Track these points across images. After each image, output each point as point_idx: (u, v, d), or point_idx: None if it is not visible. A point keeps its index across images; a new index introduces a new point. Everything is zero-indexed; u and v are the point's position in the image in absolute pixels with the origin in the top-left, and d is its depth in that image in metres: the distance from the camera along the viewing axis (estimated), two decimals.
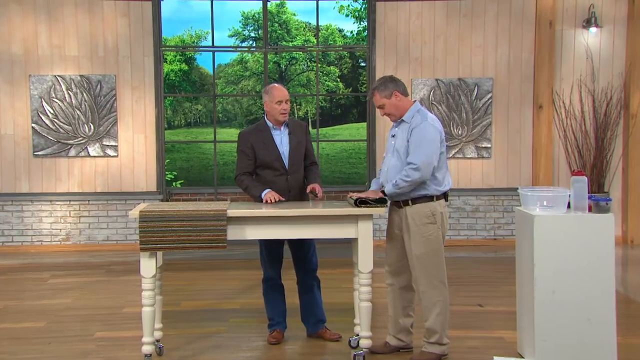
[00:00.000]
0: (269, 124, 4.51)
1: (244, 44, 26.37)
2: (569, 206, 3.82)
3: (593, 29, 8.18)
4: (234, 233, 4.00)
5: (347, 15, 24.58)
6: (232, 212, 3.97)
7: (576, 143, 8.22)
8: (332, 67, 25.80)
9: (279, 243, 4.48)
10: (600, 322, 3.70)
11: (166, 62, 20.77)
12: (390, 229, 4.23)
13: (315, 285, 4.64)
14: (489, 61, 8.32)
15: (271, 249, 4.50)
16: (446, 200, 4.12)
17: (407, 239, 4.09)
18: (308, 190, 4.47)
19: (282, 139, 4.49)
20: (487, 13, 8.32)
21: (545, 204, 3.80)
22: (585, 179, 3.80)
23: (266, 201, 4.28)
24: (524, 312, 4.00)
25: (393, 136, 4.18)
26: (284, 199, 4.33)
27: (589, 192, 3.84)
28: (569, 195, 3.81)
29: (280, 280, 4.62)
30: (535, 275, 3.72)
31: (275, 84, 4.55)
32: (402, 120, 4.13)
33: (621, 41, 8.24)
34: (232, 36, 25.88)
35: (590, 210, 3.79)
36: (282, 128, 4.51)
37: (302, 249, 4.52)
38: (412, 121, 4.07)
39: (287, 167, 4.44)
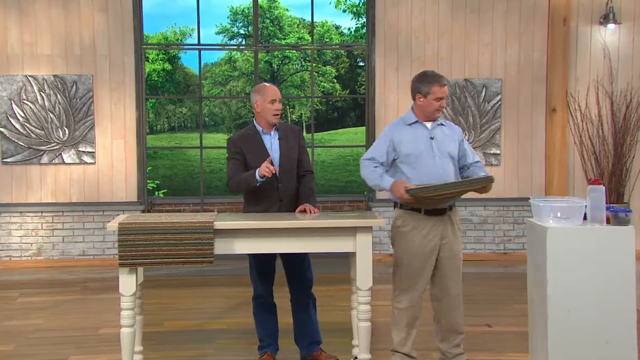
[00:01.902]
0: (259, 127, 4.52)
1: (232, 42, 26.38)
2: (585, 218, 3.83)
3: (611, 26, 8.22)
4: (222, 247, 4.00)
5: (344, 11, 24.71)
6: (220, 224, 3.97)
7: (593, 149, 8.25)
8: (328, 67, 25.95)
9: (270, 257, 4.47)
10: (619, 345, 3.70)
11: (148, 61, 20.81)
12: (424, 244, 4.19)
13: (311, 304, 4.63)
14: (498, 61, 8.35)
15: (262, 264, 4.49)
16: None
17: (453, 243, 4.24)
18: (297, 211, 4.42)
19: (272, 144, 4.49)
20: (496, 9, 8.37)
21: (559, 215, 3.81)
22: (602, 188, 3.81)
23: (263, 175, 4.23)
24: (536, 333, 3.99)
25: (432, 138, 4.21)
26: (277, 168, 4.35)
27: (607, 203, 3.85)
28: (585, 205, 3.81)
29: (271, 297, 4.61)
30: (548, 292, 3.72)
31: (266, 83, 4.58)
32: (441, 123, 4.28)
33: None
34: (220, 33, 25.94)
35: (608, 222, 3.80)
36: (272, 132, 4.52)
37: (296, 263, 4.52)
38: (450, 125, 4.38)
39: (277, 175, 4.42)
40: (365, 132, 8.80)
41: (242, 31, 25.18)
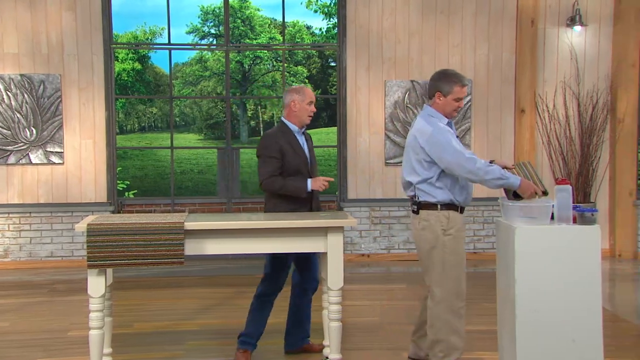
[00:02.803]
0: (293, 127, 4.55)
1: (203, 42, 26.24)
2: (552, 217, 3.88)
3: (577, 28, 8.35)
4: (193, 248, 3.98)
5: (315, 11, 24.72)
6: (190, 224, 3.95)
7: (560, 149, 8.36)
8: (299, 67, 25.96)
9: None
10: (585, 343, 3.76)
11: (117, 60, 20.59)
12: (464, 242, 4.19)
13: (310, 292, 4.67)
14: (468, 62, 8.43)
15: (282, 260, 4.49)
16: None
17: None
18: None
19: (303, 145, 4.58)
20: (465, 10, 8.44)
21: (527, 215, 3.85)
22: (569, 188, 3.87)
23: (317, 189, 4.40)
24: (504, 332, 4.04)
25: (458, 137, 4.22)
26: (332, 180, 4.40)
27: (573, 202, 3.91)
28: (553, 205, 3.87)
29: (275, 296, 4.62)
30: (516, 291, 3.77)
31: (303, 85, 4.68)
32: (450, 121, 4.19)
33: (607, 41, 8.43)
34: (190, 33, 25.78)
35: (575, 221, 3.85)
36: (301, 133, 4.61)
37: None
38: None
39: (310, 172, 4.52)
40: (337, 132, 8.81)
41: (213, 31, 25.06)
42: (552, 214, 3.88)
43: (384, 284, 7.20)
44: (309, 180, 4.44)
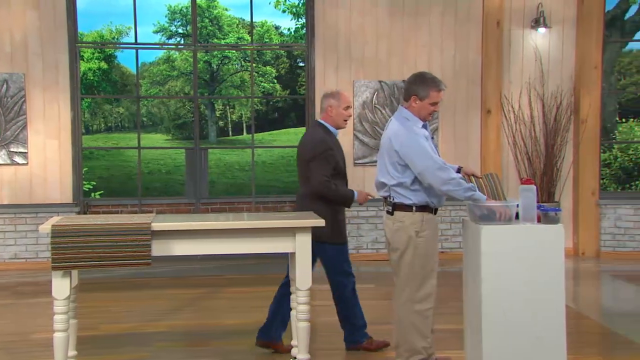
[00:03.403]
0: (334, 130, 4.62)
1: (170, 41, 26.03)
2: (517, 217, 3.93)
3: (542, 30, 8.48)
4: (160, 248, 3.94)
5: (283, 12, 24.66)
6: (157, 225, 3.91)
7: (525, 150, 8.48)
8: (268, 67, 25.87)
9: None
10: (550, 340, 3.82)
11: (83, 60, 20.32)
12: (437, 242, 4.27)
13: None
14: (435, 62, 8.49)
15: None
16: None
17: None
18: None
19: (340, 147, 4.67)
20: (432, 11, 8.51)
21: (493, 214, 3.89)
22: (534, 187, 3.92)
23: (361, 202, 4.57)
24: (471, 330, 4.08)
25: (433, 138, 4.23)
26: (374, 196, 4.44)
27: (538, 202, 3.96)
28: (517, 205, 3.92)
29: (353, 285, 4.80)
30: (482, 290, 3.81)
31: (339, 90, 4.78)
32: (426, 123, 4.19)
33: (570, 42, 8.57)
34: (158, 32, 25.53)
35: (539, 220, 3.91)
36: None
37: None
38: None
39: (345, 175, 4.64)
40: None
41: (180, 30, 24.87)
42: (517, 213, 3.93)
43: None
44: (356, 192, 4.63)
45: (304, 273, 4.09)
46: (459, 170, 4.22)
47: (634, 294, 6.74)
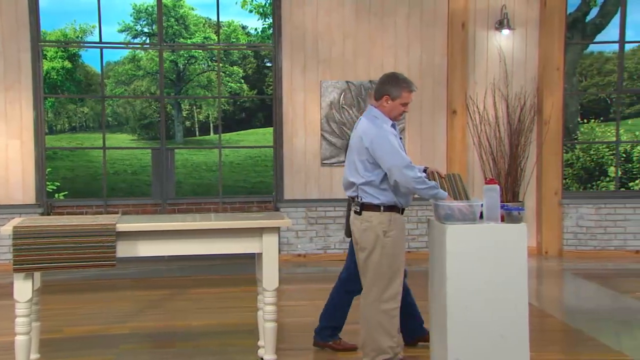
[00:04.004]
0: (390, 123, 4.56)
1: (136, 41, 25.78)
2: (482, 216, 3.98)
3: (505, 31, 8.59)
4: (125, 249, 3.91)
5: (250, 11, 24.61)
6: (122, 226, 3.88)
7: (490, 150, 8.58)
8: (235, 67, 25.78)
9: None
10: (513, 338, 3.87)
11: (46, 59, 20.00)
12: (404, 242, 4.30)
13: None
14: (401, 63, 8.55)
15: None
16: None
17: None
18: None
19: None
20: (398, 12, 8.57)
21: (458, 214, 3.94)
22: (497, 187, 3.98)
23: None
24: (436, 329, 4.12)
25: (401, 138, 4.25)
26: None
27: (502, 201, 4.02)
28: (482, 204, 3.97)
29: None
30: (447, 289, 3.85)
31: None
32: (394, 123, 4.19)
33: (533, 44, 8.70)
34: (123, 31, 25.27)
35: (503, 220, 3.97)
36: None
37: None
38: None
39: None
40: (273, 132, 8.81)
41: (146, 29, 24.63)
42: (482, 213, 3.98)
43: (320, 284, 7.20)
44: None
45: (270, 273, 4.09)
46: (425, 171, 4.26)
47: (595, 292, 6.87)
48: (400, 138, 4.21)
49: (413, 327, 4.69)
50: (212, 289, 6.88)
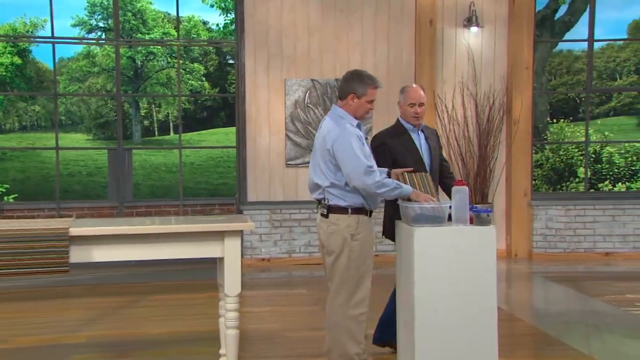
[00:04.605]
0: (407, 125, 4.57)
1: (90, 36, 25.43)
2: (450, 218, 4.02)
3: (474, 29, 8.69)
4: (79, 255, 3.86)
5: (211, 6, 24.49)
6: (76, 230, 3.83)
7: (459, 150, 8.67)
8: (196, 64, 25.63)
9: None
10: (481, 342, 3.92)
11: None
12: (372, 246, 4.31)
13: None
14: (368, 61, 8.59)
15: None
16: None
17: None
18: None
19: (421, 144, 4.58)
20: (365, 9, 8.61)
21: (426, 216, 3.97)
22: (466, 189, 4.02)
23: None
24: (404, 333, 4.15)
25: (367, 138, 4.26)
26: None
27: (472, 203, 4.07)
28: (450, 206, 4.01)
29: None
30: (415, 292, 3.88)
31: (413, 84, 4.69)
32: (360, 122, 4.19)
33: (502, 42, 8.81)
34: (76, 26, 24.95)
35: (471, 222, 4.01)
36: (419, 131, 4.60)
37: None
38: None
39: (429, 172, 4.48)
40: (236, 132, 8.78)
41: (101, 24, 24.33)
42: (450, 214, 4.02)
43: (285, 289, 7.23)
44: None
45: (232, 279, 4.07)
46: (388, 174, 4.29)
47: (564, 295, 6.98)
48: (366, 138, 4.22)
49: (392, 333, 4.71)
50: (171, 296, 6.83)
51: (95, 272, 7.73)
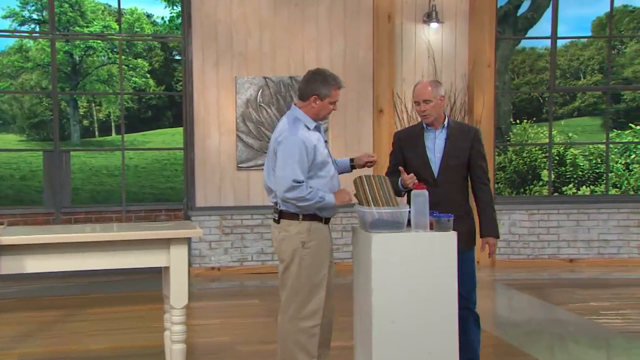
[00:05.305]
0: (424, 123, 4.47)
1: (23, 28, 24.99)
2: (409, 224, 4.04)
3: (434, 24, 8.78)
4: (10, 265, 3.80)
5: None
6: (6, 239, 3.75)
7: None
8: (140, 60, 25.40)
9: None
10: (442, 354, 3.94)
11: None
12: (328, 254, 4.23)
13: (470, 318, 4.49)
14: (324, 57, 8.62)
15: None
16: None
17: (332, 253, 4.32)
18: (480, 248, 4.47)
19: (435, 142, 4.43)
20: (320, 3, 8.63)
21: (384, 221, 3.99)
22: (426, 193, 4.04)
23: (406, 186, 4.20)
24: (361, 346, 4.16)
25: (326, 141, 4.25)
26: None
27: (431, 208, 4.09)
28: (409, 211, 4.03)
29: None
30: (373, 302, 3.89)
31: (423, 80, 4.58)
32: (318, 124, 4.18)
33: (463, 38, 8.92)
34: (8, 18, 24.50)
35: (431, 228, 4.04)
36: (439, 130, 4.44)
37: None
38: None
39: (435, 176, 4.35)
40: (184, 133, 8.71)
41: (35, 16, 23.93)
42: (409, 220, 4.04)
43: (236, 300, 7.20)
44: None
45: (179, 289, 4.05)
46: (352, 161, 4.40)
47: (528, 304, 7.11)
48: (326, 141, 4.23)
49: None
50: (112, 308, 6.74)
51: (28, 284, 7.58)
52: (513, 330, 5.93)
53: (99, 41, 24.16)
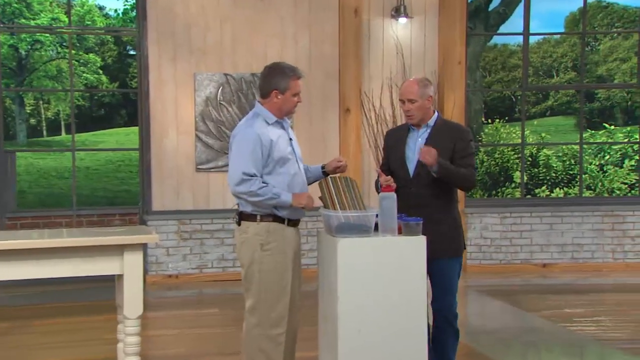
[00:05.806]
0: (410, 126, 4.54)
1: None
2: (377, 228, 4.06)
3: (402, 19, 8.83)
4: None
5: None
6: None
7: None
8: (91, 55, 25.14)
9: None
10: None
11: None
12: (291, 258, 4.17)
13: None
14: (288, 54, 8.61)
15: None
16: None
17: (300, 257, 4.30)
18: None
19: (417, 143, 4.43)
20: None
21: (350, 225, 4.01)
22: (394, 195, 4.07)
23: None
24: (325, 356, 4.18)
25: (291, 139, 4.24)
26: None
27: (399, 211, 4.11)
28: (377, 215, 4.05)
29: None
30: (339, 309, 3.91)
31: (410, 79, 4.64)
32: (281, 120, 4.19)
33: (433, 34, 8.98)
34: None
35: (400, 232, 4.06)
36: (422, 129, 4.49)
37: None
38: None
39: (410, 176, 4.33)
40: (139, 132, 8.66)
41: None
42: (377, 224, 4.06)
43: (195, 309, 7.18)
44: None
45: (133, 298, 4.02)
46: (323, 168, 4.40)
47: (500, 311, 7.19)
48: (291, 139, 4.24)
49: None
50: (62, 319, 6.69)
51: None
52: (485, 338, 5.99)
53: (47, 34, 23.84)
